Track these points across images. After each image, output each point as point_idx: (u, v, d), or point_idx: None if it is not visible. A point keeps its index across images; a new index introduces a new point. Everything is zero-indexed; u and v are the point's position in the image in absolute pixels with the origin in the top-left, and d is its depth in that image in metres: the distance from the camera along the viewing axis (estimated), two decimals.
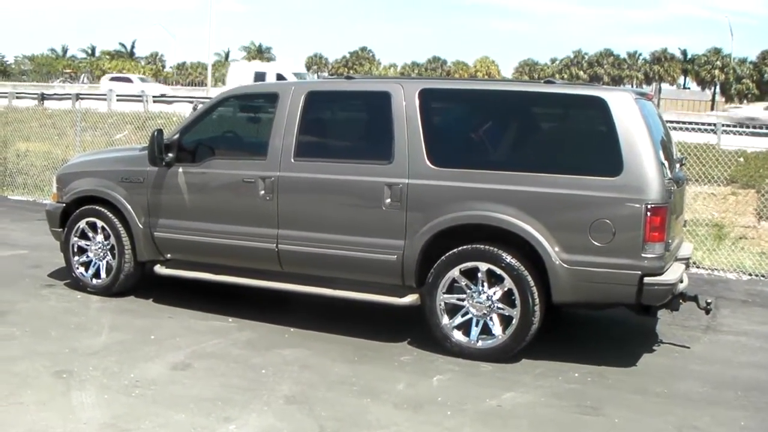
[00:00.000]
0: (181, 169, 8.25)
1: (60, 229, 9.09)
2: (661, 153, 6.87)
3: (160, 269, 8.52)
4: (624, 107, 6.80)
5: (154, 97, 37.37)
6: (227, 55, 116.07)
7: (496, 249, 7.00)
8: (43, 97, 36.42)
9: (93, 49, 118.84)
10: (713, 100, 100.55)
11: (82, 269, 8.93)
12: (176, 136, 8.31)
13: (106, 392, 6.10)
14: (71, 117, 19.61)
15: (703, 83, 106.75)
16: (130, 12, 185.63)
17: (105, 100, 34.47)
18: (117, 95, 35.64)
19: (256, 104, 8.97)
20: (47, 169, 17.27)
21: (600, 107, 6.85)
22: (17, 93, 38.62)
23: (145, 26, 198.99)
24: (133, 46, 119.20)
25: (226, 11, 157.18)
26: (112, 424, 5.53)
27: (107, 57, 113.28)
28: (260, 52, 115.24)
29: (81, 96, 35.82)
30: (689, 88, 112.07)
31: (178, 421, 5.64)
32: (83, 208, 8.88)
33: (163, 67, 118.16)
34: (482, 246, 7.06)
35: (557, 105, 7.51)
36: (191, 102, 28.85)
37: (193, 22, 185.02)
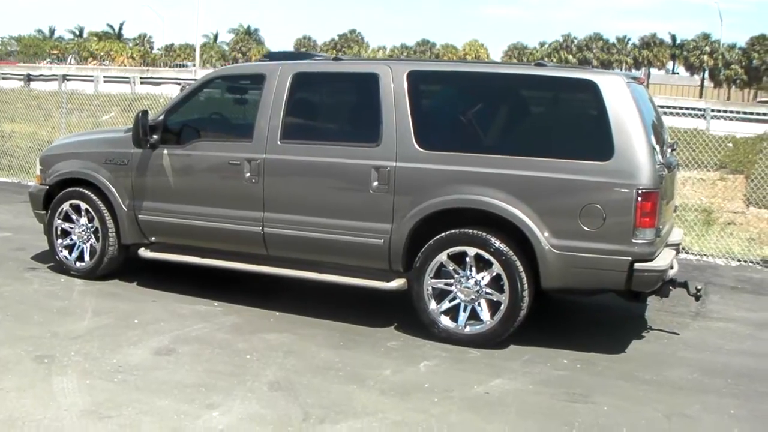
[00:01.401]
0: (166, 151, 8.13)
1: (43, 212, 8.96)
2: (652, 137, 6.78)
3: (144, 252, 8.41)
4: (615, 91, 6.70)
5: (141, 78, 37.09)
6: (216, 37, 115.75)
7: (484, 233, 6.91)
8: (29, 78, 36.16)
9: (81, 31, 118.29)
10: (702, 85, 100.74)
11: (65, 252, 8.82)
12: (161, 118, 8.18)
13: (88, 378, 6.00)
14: (57, 98, 19.47)
15: (692, 69, 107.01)
16: None
17: (92, 81, 34.27)
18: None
19: (243, 85, 8.82)
20: (32, 150, 17.08)
21: (591, 90, 6.75)
22: (3, 74, 38.29)
23: (134, 7, 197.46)
24: (121, 28, 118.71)
25: None
26: (93, 410, 5.43)
27: (95, 38, 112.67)
28: (248, 34, 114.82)
29: (68, 77, 35.54)
30: (678, 74, 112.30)
31: (161, 407, 5.54)
32: (67, 190, 8.76)
33: (151, 48, 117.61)
34: (470, 230, 6.97)
35: (547, 88, 7.41)
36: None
37: (181, 4, 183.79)
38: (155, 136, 8.09)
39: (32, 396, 5.62)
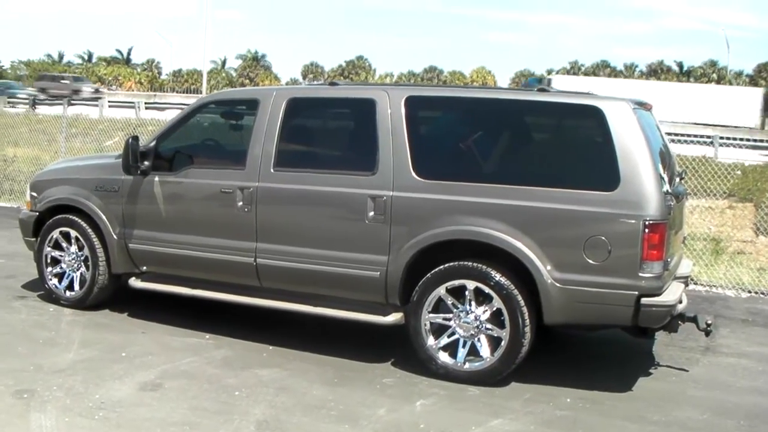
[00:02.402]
0: (157, 178, 7.90)
1: (33, 239, 8.73)
2: (659, 166, 6.53)
3: (135, 282, 8.16)
4: (621, 117, 6.45)
5: (146, 103, 37.08)
6: (224, 63, 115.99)
7: (484, 266, 6.64)
8: (34, 102, 36.16)
9: (90, 55, 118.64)
10: None
11: (55, 281, 8.58)
12: (153, 144, 7.96)
13: (68, 415, 5.75)
14: (60, 122, 19.31)
15: None
16: (128, 18, 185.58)
17: (97, 106, 34.24)
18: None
19: (236, 111, 8.60)
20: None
21: (596, 117, 6.51)
22: (8, 100, 38.32)
23: (143, 33, 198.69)
24: (129, 53, 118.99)
25: (223, 19, 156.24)
26: None
27: (103, 63, 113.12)
28: (256, 60, 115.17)
29: (72, 102, 35.50)
30: None
31: None
32: (57, 217, 8.54)
33: (159, 73, 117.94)
34: (470, 263, 6.71)
35: (551, 114, 7.15)
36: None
37: (189, 30, 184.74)
38: (146, 163, 7.87)
39: None
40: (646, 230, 6.22)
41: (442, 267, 6.77)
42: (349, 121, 7.81)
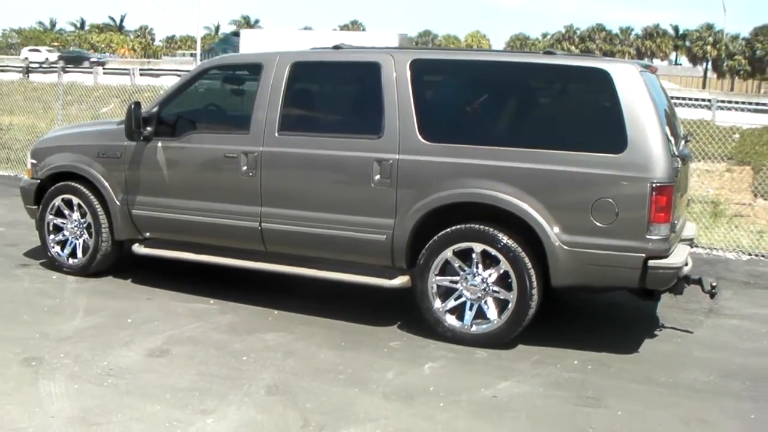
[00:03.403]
0: (160, 144, 7.84)
1: (35, 207, 8.68)
2: (666, 128, 6.49)
3: (138, 249, 8.13)
4: (628, 80, 6.41)
5: (141, 69, 36.87)
6: (217, 29, 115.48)
7: (491, 229, 6.62)
8: (28, 70, 35.91)
9: (82, 23, 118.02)
10: (705, 76, 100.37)
11: (57, 248, 8.55)
12: (155, 109, 7.88)
13: (77, 382, 5.73)
14: (56, 90, 19.18)
15: (694, 59, 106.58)
16: None
17: (91, 73, 34.01)
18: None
19: (239, 75, 8.54)
20: (31, 143, 16.76)
21: (603, 80, 6.45)
22: (1, 66, 38.05)
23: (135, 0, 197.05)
24: (122, 20, 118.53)
25: None
26: (81, 417, 5.17)
27: (96, 30, 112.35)
28: (249, 26, 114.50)
29: (66, 69, 35.29)
30: (681, 64, 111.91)
31: (152, 413, 5.28)
32: (58, 184, 8.48)
33: (153, 40, 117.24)
34: (477, 226, 6.68)
35: (557, 77, 7.11)
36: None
37: None
38: (149, 129, 7.80)
39: (17, 402, 5.36)
40: (654, 193, 6.20)
41: (448, 230, 6.75)
42: (353, 85, 7.73)
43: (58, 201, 8.46)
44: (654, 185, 6.20)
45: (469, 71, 7.30)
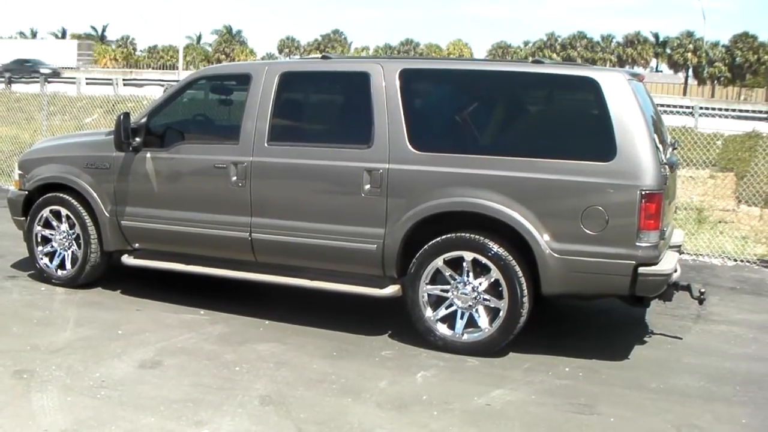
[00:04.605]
0: (149, 155, 7.83)
1: (23, 218, 8.65)
2: (655, 136, 6.55)
3: (127, 259, 8.11)
4: (617, 88, 6.46)
5: (124, 79, 36.81)
6: (199, 39, 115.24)
7: (482, 238, 6.65)
8: (10, 80, 35.79)
9: (63, 33, 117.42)
10: (686, 83, 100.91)
11: (46, 260, 8.51)
12: (144, 120, 7.87)
13: (69, 394, 5.71)
14: (39, 100, 19.10)
15: (675, 66, 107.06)
16: None
17: (74, 83, 33.93)
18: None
19: (228, 86, 8.55)
20: (14, 154, 16.68)
21: (592, 88, 6.51)
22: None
23: (118, 10, 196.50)
24: (104, 30, 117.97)
25: None
26: (75, 430, 5.16)
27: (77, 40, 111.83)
28: (232, 35, 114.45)
29: (49, 79, 35.22)
30: (661, 71, 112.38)
31: (147, 425, 5.27)
32: (47, 195, 8.45)
33: (135, 50, 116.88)
34: (467, 234, 6.71)
35: (546, 86, 7.15)
36: None
37: (164, 6, 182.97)
38: (138, 139, 7.80)
39: (10, 415, 5.34)
40: (643, 200, 6.25)
41: (439, 239, 6.77)
42: (343, 95, 7.74)
43: (46, 212, 8.42)
44: (643, 193, 6.24)
45: (458, 80, 7.35)
